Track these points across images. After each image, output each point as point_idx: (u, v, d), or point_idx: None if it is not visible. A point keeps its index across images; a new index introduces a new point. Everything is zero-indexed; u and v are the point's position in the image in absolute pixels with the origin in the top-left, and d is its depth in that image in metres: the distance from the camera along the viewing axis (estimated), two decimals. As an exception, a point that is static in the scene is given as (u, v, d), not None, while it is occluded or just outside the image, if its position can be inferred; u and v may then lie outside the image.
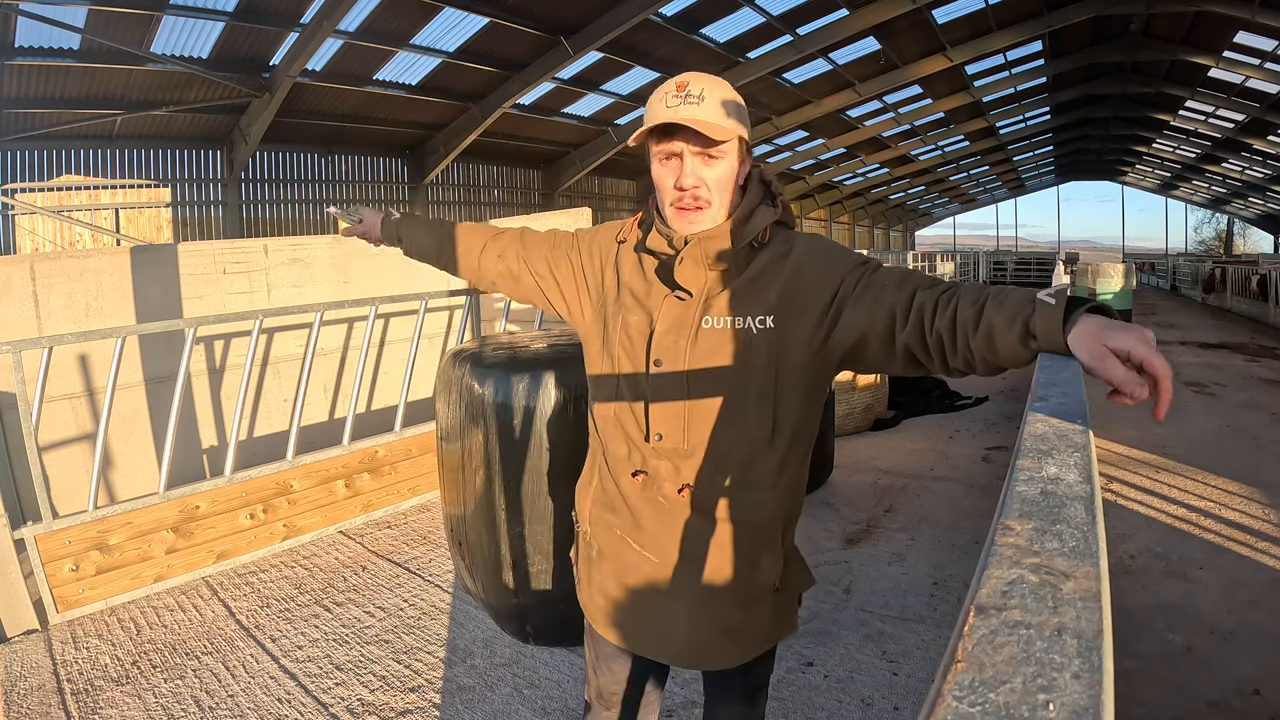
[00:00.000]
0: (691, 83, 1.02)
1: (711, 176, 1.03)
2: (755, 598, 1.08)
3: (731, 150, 1.03)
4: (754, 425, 1.03)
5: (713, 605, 1.07)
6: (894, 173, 28.27)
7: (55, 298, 3.65)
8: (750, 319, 1.02)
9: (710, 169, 1.02)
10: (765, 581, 1.07)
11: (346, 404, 4.13)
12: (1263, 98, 15.99)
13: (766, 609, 1.09)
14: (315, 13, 9.48)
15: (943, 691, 0.26)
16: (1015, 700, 0.25)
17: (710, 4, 11.72)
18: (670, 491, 1.06)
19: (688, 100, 1.00)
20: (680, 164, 1.02)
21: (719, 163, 1.03)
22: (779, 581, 1.08)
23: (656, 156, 1.04)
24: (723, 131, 1.00)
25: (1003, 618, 0.29)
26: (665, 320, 1.06)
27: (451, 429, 2.50)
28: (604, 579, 1.16)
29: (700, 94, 1.00)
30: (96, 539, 2.79)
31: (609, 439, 1.13)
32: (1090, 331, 0.73)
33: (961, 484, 4.07)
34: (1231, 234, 37.83)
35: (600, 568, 1.16)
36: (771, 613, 1.10)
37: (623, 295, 1.13)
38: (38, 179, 11.12)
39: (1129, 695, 2.20)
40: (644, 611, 1.11)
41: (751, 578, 1.06)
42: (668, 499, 1.06)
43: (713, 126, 0.99)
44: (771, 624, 1.11)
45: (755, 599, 1.08)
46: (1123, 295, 11.49)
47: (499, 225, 1.33)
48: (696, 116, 0.99)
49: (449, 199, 16.95)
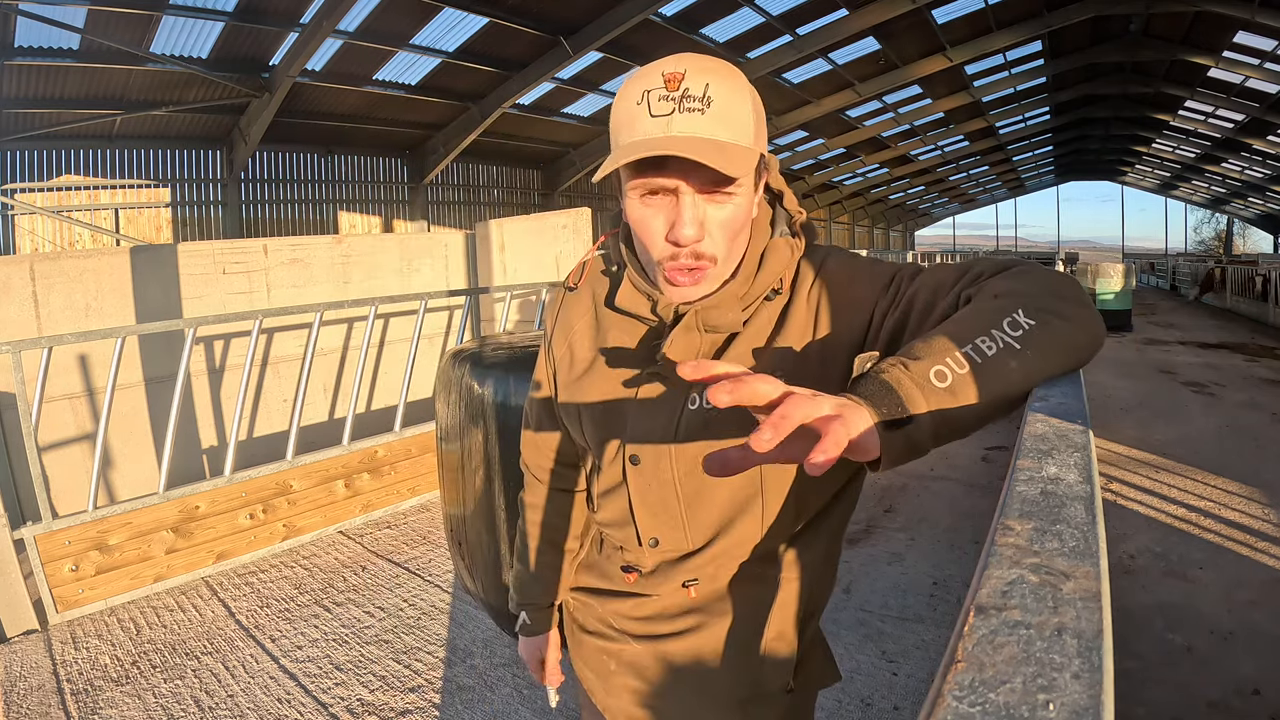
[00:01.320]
0: (689, 73, 0.66)
1: (720, 219, 0.70)
2: (761, 697, 0.86)
3: (749, 180, 0.71)
4: (771, 515, 0.80)
5: (708, 707, 0.87)
6: (894, 173, 28.27)
7: (55, 298, 3.65)
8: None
9: (721, 209, 0.70)
10: (775, 682, 0.86)
11: (346, 404, 4.13)
12: (1262, 98, 15.99)
13: (774, 712, 0.87)
14: (315, 13, 9.47)
15: (943, 691, 0.26)
16: (1015, 700, 0.25)
17: (710, 4, 11.72)
18: (667, 592, 0.86)
19: (686, 105, 0.65)
20: (676, 203, 0.69)
21: (733, 200, 0.70)
22: (792, 681, 0.86)
23: (634, 191, 0.70)
24: (744, 158, 0.66)
25: (1003, 618, 0.29)
26: (646, 398, 0.80)
27: (451, 429, 2.50)
28: (591, 654, 0.97)
29: (704, 94, 0.66)
30: (96, 539, 2.78)
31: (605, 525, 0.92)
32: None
33: (961, 484, 4.07)
34: (1231, 234, 37.84)
35: (585, 642, 0.99)
36: (779, 716, 0.87)
37: (579, 369, 0.87)
38: (37, 179, 11.11)
39: (1129, 695, 2.20)
40: (630, 697, 0.92)
41: (757, 678, 0.85)
42: (666, 599, 0.87)
43: (729, 150, 0.65)
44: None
45: (760, 700, 0.86)
46: (1122, 295, 11.50)
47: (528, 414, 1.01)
48: (701, 133, 0.65)
49: (449, 199, 16.95)
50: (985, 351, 0.54)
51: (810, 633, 0.90)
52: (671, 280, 0.73)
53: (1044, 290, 0.60)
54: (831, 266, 0.78)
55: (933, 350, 0.54)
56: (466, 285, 5.56)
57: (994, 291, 0.61)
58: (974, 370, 0.53)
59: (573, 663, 1.05)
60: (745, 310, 0.77)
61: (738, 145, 0.67)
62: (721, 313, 0.75)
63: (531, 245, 5.14)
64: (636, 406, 0.80)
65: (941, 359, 0.53)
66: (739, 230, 0.73)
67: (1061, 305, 0.59)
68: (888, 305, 0.72)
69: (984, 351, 0.54)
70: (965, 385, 0.52)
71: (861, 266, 0.78)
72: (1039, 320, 0.56)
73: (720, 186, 0.68)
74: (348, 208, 14.99)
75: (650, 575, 0.87)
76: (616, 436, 0.83)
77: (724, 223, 0.70)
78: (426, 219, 16.11)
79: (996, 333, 0.55)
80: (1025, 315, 0.56)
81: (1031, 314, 0.56)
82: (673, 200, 0.69)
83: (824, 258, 0.79)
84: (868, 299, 0.74)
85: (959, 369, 0.53)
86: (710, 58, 0.69)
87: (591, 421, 0.85)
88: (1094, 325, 0.60)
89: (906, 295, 0.70)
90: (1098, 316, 0.62)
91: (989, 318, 0.56)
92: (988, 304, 0.59)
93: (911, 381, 0.52)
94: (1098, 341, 0.60)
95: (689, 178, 0.67)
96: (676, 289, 0.74)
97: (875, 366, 0.54)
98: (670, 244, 0.70)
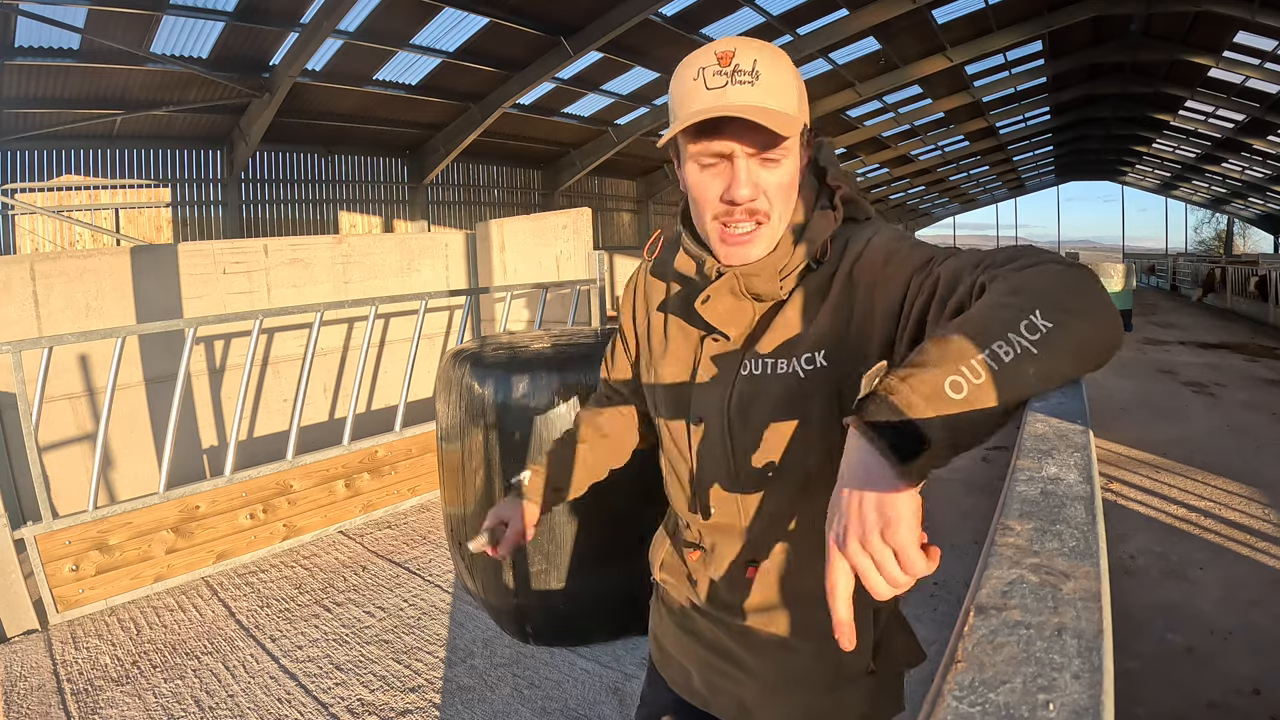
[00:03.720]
0: (739, 51, 0.74)
1: (773, 181, 0.77)
2: (845, 680, 0.89)
3: (795, 145, 0.78)
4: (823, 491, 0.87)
5: (791, 689, 0.89)
6: (894, 173, 28.25)
7: (55, 298, 3.65)
8: (796, 360, 0.79)
9: (772, 173, 0.77)
10: (855, 663, 0.88)
11: (346, 404, 4.13)
12: (1263, 98, 15.98)
13: (859, 693, 0.89)
14: (315, 13, 9.47)
15: (943, 691, 0.26)
16: (1015, 700, 0.25)
17: (710, 4, 11.72)
18: (731, 570, 0.89)
19: (737, 78, 0.73)
20: (731, 168, 0.76)
21: (782, 164, 0.77)
22: (873, 663, 0.89)
23: (694, 158, 0.78)
24: (790, 124, 0.74)
25: (1003, 618, 0.29)
26: (705, 369, 0.86)
27: (451, 429, 2.50)
28: (676, 636, 1.01)
29: (753, 69, 0.73)
30: (96, 539, 2.79)
31: (672, 503, 0.99)
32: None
33: (961, 484, 4.07)
34: (1231, 234, 37.82)
35: (669, 623, 1.03)
36: (866, 697, 0.90)
37: (655, 339, 0.94)
38: (38, 179, 11.11)
39: (1129, 695, 2.20)
40: (716, 679, 0.95)
41: (836, 659, 0.87)
42: (731, 577, 0.90)
43: (777, 117, 0.72)
44: (868, 709, 0.91)
45: (845, 681, 0.89)
46: (1123, 295, 11.53)
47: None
48: (752, 102, 0.73)
49: (449, 199, 16.95)
50: (1003, 358, 0.52)
51: (887, 614, 0.93)
52: (725, 240, 0.80)
53: (1063, 287, 0.59)
54: (876, 243, 0.80)
55: (947, 356, 0.53)
56: (467, 285, 5.56)
57: (1011, 287, 0.59)
58: (992, 378, 0.52)
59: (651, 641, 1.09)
60: (785, 280, 0.81)
61: (784, 112, 0.74)
62: (763, 281, 0.80)
63: (531, 245, 5.14)
64: (702, 370, 0.86)
65: (956, 367, 0.52)
66: (790, 191, 0.79)
67: (1080, 304, 0.58)
68: (918, 286, 0.73)
69: (1001, 358, 0.52)
70: (982, 394, 0.52)
71: (903, 245, 0.79)
72: (1056, 323, 0.55)
73: (770, 150, 0.75)
74: (348, 208, 14.99)
75: (714, 555, 0.90)
76: (685, 400, 0.89)
77: (778, 184, 0.77)
78: (427, 219, 16.11)
79: (1014, 336, 0.53)
80: (1043, 317, 0.55)
81: (1049, 315, 0.55)
82: (728, 166, 0.77)
83: (871, 235, 0.82)
84: (902, 278, 0.75)
85: (975, 379, 0.52)
86: (756, 40, 0.77)
87: (665, 389, 0.92)
88: (1113, 326, 0.59)
89: (933, 279, 0.71)
90: (1117, 316, 0.60)
91: (1006, 320, 0.55)
92: (1005, 302, 0.57)
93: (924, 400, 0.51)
94: (1116, 343, 0.59)
95: (743, 140, 0.74)
96: (729, 249, 0.80)
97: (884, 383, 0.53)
98: (726, 204, 0.77)
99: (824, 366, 0.78)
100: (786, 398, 0.80)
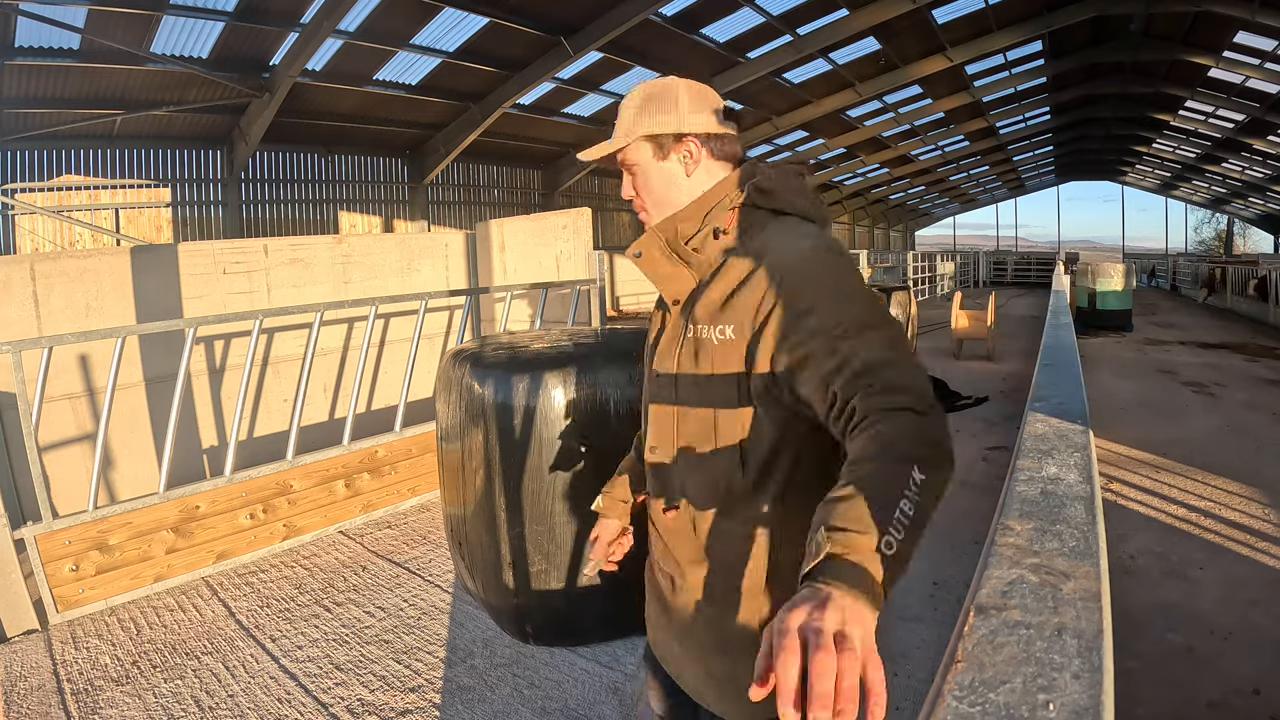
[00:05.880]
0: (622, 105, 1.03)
1: (638, 183, 1.04)
2: (735, 645, 0.93)
3: (637, 154, 1.02)
4: (724, 453, 0.93)
5: (694, 644, 0.98)
6: (894, 173, 28.25)
7: (55, 298, 3.65)
8: (712, 328, 0.93)
9: (636, 178, 1.04)
10: (743, 631, 0.92)
11: (346, 404, 4.13)
12: (1263, 98, 15.98)
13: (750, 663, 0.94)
14: (315, 13, 9.48)
15: (943, 691, 0.26)
16: (1015, 700, 0.25)
17: (710, 4, 11.72)
18: (659, 512, 1.02)
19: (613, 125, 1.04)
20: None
21: (634, 170, 1.04)
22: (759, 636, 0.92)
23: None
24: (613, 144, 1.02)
25: (1003, 618, 0.29)
26: (669, 330, 1.03)
27: (451, 429, 2.50)
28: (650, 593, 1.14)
29: (617, 116, 1.03)
30: (96, 539, 2.79)
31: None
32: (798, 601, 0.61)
33: (960, 484, 4.07)
34: (1231, 234, 37.80)
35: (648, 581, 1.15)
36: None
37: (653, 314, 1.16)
38: (38, 179, 11.11)
39: (1129, 695, 2.20)
40: (660, 634, 1.08)
41: (724, 623, 0.93)
42: (662, 521, 1.02)
43: (610, 147, 1.03)
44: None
45: (735, 647, 0.93)
46: (1122, 295, 11.53)
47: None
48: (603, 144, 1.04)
49: (449, 199, 16.95)
50: (908, 514, 0.66)
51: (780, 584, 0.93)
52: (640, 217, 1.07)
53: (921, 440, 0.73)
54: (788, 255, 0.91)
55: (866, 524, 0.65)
56: (467, 285, 5.56)
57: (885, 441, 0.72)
58: (908, 534, 0.65)
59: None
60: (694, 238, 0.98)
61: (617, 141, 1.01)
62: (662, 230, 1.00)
63: (531, 245, 5.14)
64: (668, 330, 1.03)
65: (883, 532, 0.64)
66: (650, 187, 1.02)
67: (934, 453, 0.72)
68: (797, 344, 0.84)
69: (907, 514, 0.66)
70: (907, 545, 0.65)
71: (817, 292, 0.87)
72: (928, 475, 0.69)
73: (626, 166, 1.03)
74: (348, 208, 14.99)
75: (653, 501, 1.04)
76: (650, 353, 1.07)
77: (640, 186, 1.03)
78: (427, 219, 16.10)
79: (909, 494, 0.67)
80: (919, 471, 0.69)
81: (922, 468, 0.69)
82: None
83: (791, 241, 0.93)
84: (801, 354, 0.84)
85: (898, 535, 0.65)
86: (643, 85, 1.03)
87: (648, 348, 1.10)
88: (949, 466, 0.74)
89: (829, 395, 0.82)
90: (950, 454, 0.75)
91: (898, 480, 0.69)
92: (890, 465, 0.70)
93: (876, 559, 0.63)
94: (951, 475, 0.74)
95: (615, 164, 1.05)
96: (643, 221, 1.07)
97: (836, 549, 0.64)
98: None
99: (730, 339, 0.92)
100: (706, 359, 0.94)
